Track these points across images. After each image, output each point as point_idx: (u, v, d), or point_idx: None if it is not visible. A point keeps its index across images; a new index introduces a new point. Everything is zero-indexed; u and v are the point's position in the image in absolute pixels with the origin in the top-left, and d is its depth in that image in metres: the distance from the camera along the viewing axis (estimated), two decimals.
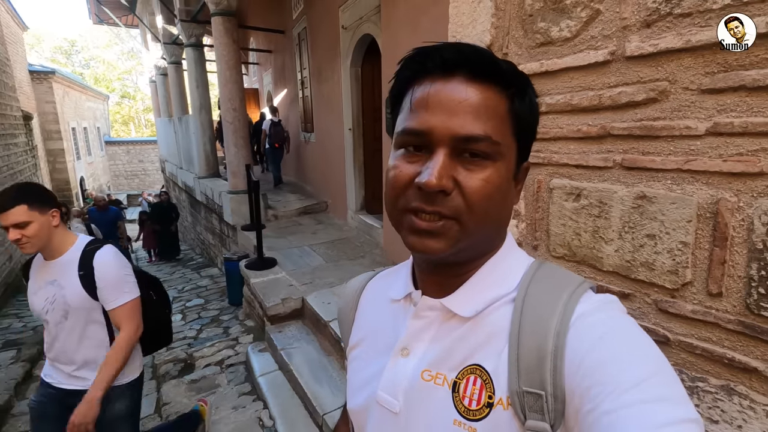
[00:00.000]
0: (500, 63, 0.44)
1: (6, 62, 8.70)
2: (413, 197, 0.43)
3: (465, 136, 0.42)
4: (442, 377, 0.47)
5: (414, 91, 0.45)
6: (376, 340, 0.57)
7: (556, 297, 0.44)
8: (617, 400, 0.35)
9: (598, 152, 1.00)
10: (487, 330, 0.46)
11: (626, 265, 0.98)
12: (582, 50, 1.00)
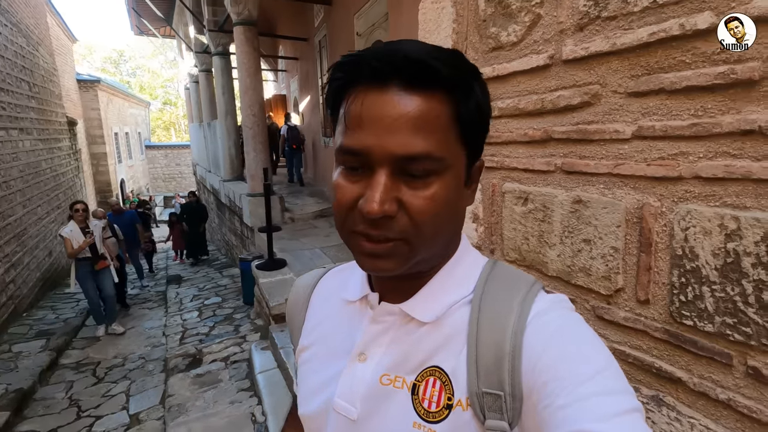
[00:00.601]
0: (437, 67, 0.39)
1: (53, 72, 9.35)
2: (358, 220, 0.41)
3: (404, 155, 0.39)
4: (401, 380, 0.46)
5: (348, 103, 0.40)
6: (330, 342, 0.54)
7: (511, 297, 0.44)
8: (572, 394, 0.36)
9: (542, 156, 1.00)
10: (446, 332, 0.46)
11: (567, 270, 0.97)
12: (526, 54, 1.01)
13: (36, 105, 7.64)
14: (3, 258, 5.37)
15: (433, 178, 0.40)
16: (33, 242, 6.51)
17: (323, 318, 0.57)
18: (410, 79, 0.39)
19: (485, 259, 0.51)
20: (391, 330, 0.49)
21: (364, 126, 0.39)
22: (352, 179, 0.41)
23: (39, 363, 3.92)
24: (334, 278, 0.61)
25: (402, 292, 0.48)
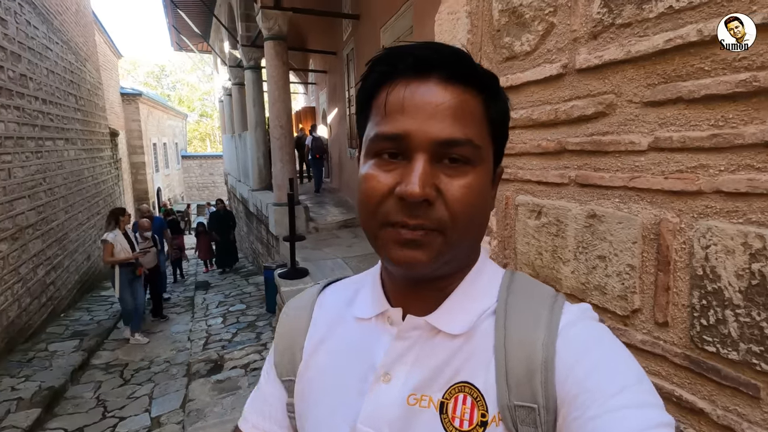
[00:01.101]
0: (477, 65, 0.42)
1: (98, 86, 9.92)
2: (394, 210, 0.40)
3: (446, 140, 0.39)
4: (427, 399, 0.44)
5: (386, 93, 0.41)
6: (342, 364, 0.50)
7: (537, 308, 0.44)
8: (603, 406, 0.36)
9: (556, 168, 0.96)
10: (471, 345, 0.45)
11: (582, 288, 0.92)
12: (540, 64, 0.98)
13: (81, 117, 8.11)
14: (45, 261, 5.67)
15: (469, 168, 0.41)
16: (73, 246, 6.85)
17: (329, 338, 0.53)
18: (451, 73, 0.40)
19: (503, 270, 0.50)
20: (417, 345, 0.46)
21: (405, 112, 0.40)
22: (387, 168, 0.41)
23: (71, 362, 4.09)
24: (337, 295, 0.57)
25: (425, 304, 0.47)
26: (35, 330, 5.12)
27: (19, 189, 5.06)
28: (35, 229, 5.44)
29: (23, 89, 5.48)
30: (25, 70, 5.59)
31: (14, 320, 4.65)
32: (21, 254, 4.96)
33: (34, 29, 6.06)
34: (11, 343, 4.54)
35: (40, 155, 5.87)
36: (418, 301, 0.47)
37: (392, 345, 0.47)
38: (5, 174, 4.75)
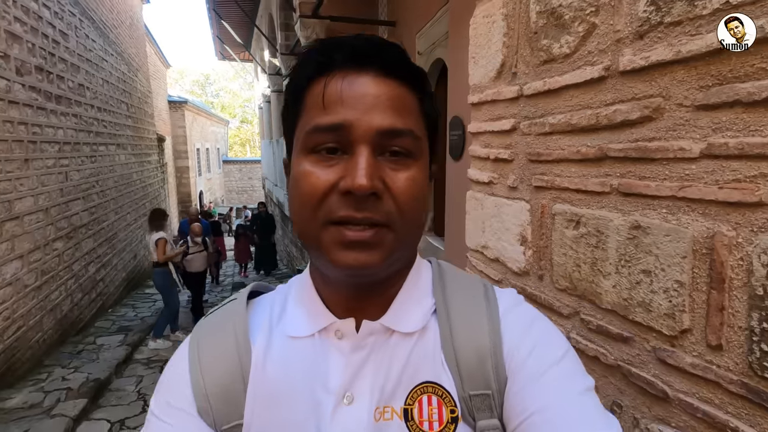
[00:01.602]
0: (408, 59, 0.42)
1: (148, 94, 10.49)
2: (338, 206, 0.38)
3: (388, 129, 0.38)
4: (389, 410, 0.42)
5: (323, 84, 0.39)
6: (286, 394, 0.43)
7: (475, 300, 0.46)
8: (543, 377, 0.40)
9: (596, 176, 0.91)
10: (424, 342, 0.44)
11: (624, 304, 0.86)
12: (580, 66, 0.93)
13: (132, 123, 8.60)
14: (96, 259, 6.02)
15: (411, 161, 0.40)
16: (121, 245, 7.24)
17: (267, 364, 0.45)
18: (388, 66, 0.40)
19: (424, 260, 0.51)
20: (373, 353, 0.44)
21: (345, 103, 0.38)
22: (327, 164, 0.39)
23: (116, 356, 4.31)
24: (261, 313, 0.49)
25: (374, 309, 0.45)
26: (85, 324, 5.44)
27: (74, 191, 5.41)
28: (87, 229, 5.80)
29: (81, 98, 5.87)
30: (83, 80, 5.99)
31: (67, 314, 4.96)
32: (74, 252, 5.30)
33: (91, 42, 6.50)
34: (64, 335, 4.84)
35: (94, 159, 6.26)
36: (367, 307, 0.44)
37: (348, 360, 0.43)
38: (63, 177, 5.09)
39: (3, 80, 3.90)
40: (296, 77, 0.42)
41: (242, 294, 0.50)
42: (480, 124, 1.37)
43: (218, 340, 0.46)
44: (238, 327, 0.46)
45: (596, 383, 0.94)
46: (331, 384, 0.43)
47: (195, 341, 0.46)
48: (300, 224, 0.41)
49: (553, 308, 1.06)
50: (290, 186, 0.43)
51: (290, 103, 0.43)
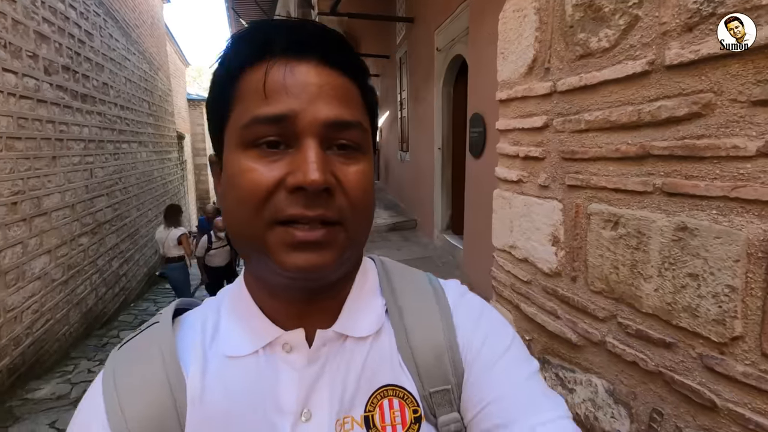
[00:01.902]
0: (350, 49, 0.40)
1: (168, 93, 10.67)
2: (286, 204, 0.34)
3: (336, 120, 0.36)
4: (349, 420, 0.40)
5: (264, 72, 0.36)
6: (232, 424, 0.38)
7: (424, 294, 0.46)
8: (495, 367, 0.42)
9: (638, 175, 0.88)
10: (379, 345, 0.43)
11: (667, 309, 0.83)
12: (621, 61, 0.90)
13: (153, 121, 8.75)
14: (119, 254, 6.16)
15: (359, 154, 0.38)
16: (143, 241, 7.38)
17: (204, 391, 0.39)
18: (331, 55, 0.37)
19: (369, 260, 0.49)
20: (328, 363, 0.41)
21: (288, 92, 0.35)
22: (270, 159, 0.35)
23: None
24: (191, 333, 0.43)
25: (324, 315, 0.42)
26: (109, 318, 5.58)
27: (98, 188, 5.54)
28: (111, 225, 5.93)
29: (105, 96, 6.00)
30: (106, 78, 6.12)
31: (92, 307, 5.09)
32: (99, 247, 5.42)
33: (115, 41, 6.63)
34: (89, 328, 4.96)
35: (117, 157, 6.39)
36: (315, 314, 0.41)
37: (302, 375, 0.40)
38: (88, 174, 5.22)
39: (32, 80, 4.01)
40: (227, 64, 0.38)
41: (165, 314, 0.43)
42: (509, 121, 1.34)
43: (141, 370, 0.39)
44: (165, 352, 0.39)
45: (634, 389, 0.92)
46: (284, 403, 0.39)
47: (110, 374, 0.39)
48: (238, 226, 0.37)
49: (588, 311, 1.03)
50: (224, 185, 0.38)
51: (219, 92, 0.38)
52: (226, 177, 0.38)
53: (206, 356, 0.40)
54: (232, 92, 0.37)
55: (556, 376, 1.18)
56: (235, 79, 0.37)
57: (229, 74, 0.37)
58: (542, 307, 1.21)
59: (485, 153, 3.37)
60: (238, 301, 0.43)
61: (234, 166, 0.36)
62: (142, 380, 0.38)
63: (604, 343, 0.99)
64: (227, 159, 0.38)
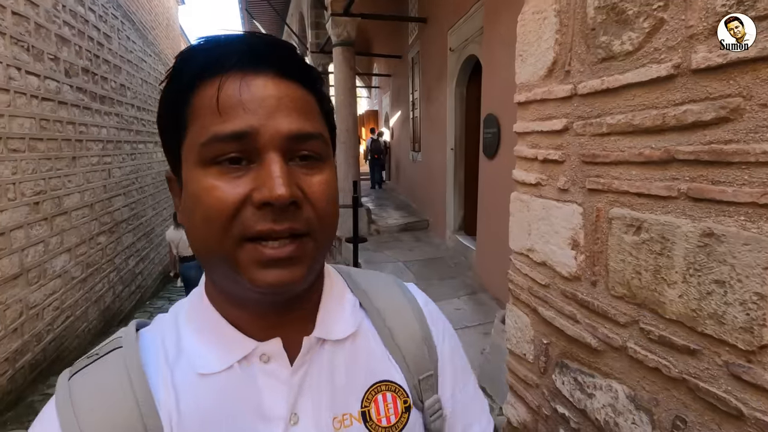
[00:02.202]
0: (302, 59, 0.40)
1: None
2: (254, 220, 0.34)
3: (297, 133, 0.36)
4: (348, 417, 0.42)
5: (217, 88, 0.35)
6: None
7: (392, 294, 0.52)
8: (452, 360, 0.52)
9: (662, 179, 0.87)
10: (360, 344, 0.46)
11: (692, 315, 0.82)
12: (644, 64, 0.89)
13: None
14: (135, 252, 6.27)
15: (321, 164, 0.39)
16: (158, 240, 7.51)
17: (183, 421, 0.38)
18: (286, 67, 0.37)
19: (328, 265, 0.51)
20: (311, 368, 0.42)
21: (245, 107, 0.35)
22: (233, 175, 0.35)
23: None
24: (147, 357, 0.40)
25: (300, 323, 0.43)
26: (126, 315, 5.69)
27: (116, 187, 5.65)
28: (128, 224, 6.05)
29: (122, 98, 6.12)
30: (124, 80, 6.24)
31: (109, 305, 5.20)
32: (116, 246, 5.54)
33: (132, 43, 6.75)
34: (107, 325, 5.07)
35: (134, 157, 6.51)
36: (288, 323, 0.42)
37: (288, 382, 0.40)
38: (106, 174, 5.33)
39: (53, 82, 4.10)
40: (179, 79, 0.37)
41: (127, 337, 0.41)
42: (527, 124, 1.34)
43: (106, 401, 0.36)
44: (134, 380, 0.37)
45: (657, 396, 0.91)
46: (269, 412, 0.39)
47: (66, 404, 0.36)
48: (205, 243, 0.36)
49: (608, 316, 1.03)
50: (186, 203, 0.37)
51: (172, 108, 0.38)
52: (189, 195, 0.37)
53: (174, 378, 0.39)
54: (186, 108, 0.37)
55: (574, 380, 1.17)
56: (189, 94, 0.36)
57: (183, 90, 0.37)
58: (561, 311, 1.21)
59: (499, 154, 3.35)
60: (201, 316, 0.42)
61: (196, 184, 0.36)
62: (107, 413, 0.35)
63: (625, 348, 0.98)
64: (188, 176, 0.37)
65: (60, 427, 0.35)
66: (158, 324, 0.43)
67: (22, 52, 3.60)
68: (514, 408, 1.50)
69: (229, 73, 0.35)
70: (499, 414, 2.26)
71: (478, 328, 3.06)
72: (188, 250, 5.03)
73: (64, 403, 0.36)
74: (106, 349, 0.40)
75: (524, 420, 1.44)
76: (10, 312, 3.27)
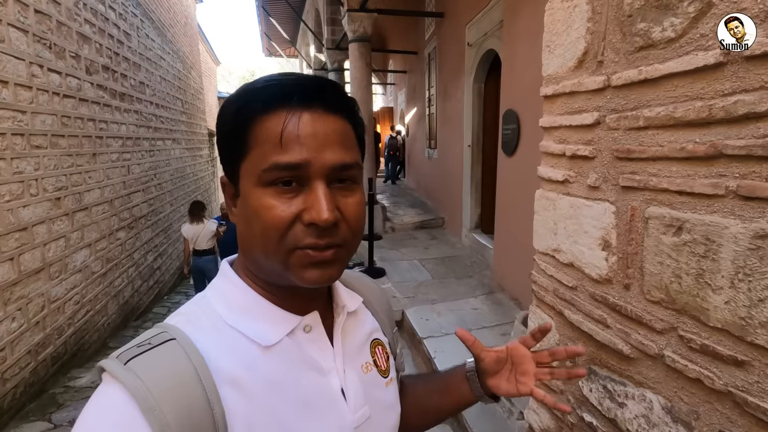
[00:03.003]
0: (346, 94, 0.48)
1: (200, 91, 10.94)
2: (303, 235, 0.43)
3: (340, 164, 0.45)
4: (368, 364, 0.58)
5: (282, 124, 0.43)
6: (278, 402, 0.45)
7: (364, 280, 0.70)
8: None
9: (707, 176, 0.80)
10: (361, 315, 0.62)
11: (740, 323, 0.75)
12: (689, 52, 0.82)
13: (186, 119, 9.00)
14: (153, 248, 6.37)
15: (355, 186, 0.47)
16: (175, 236, 7.62)
17: (251, 389, 0.44)
18: (331, 103, 0.45)
19: None
20: (340, 333, 0.55)
21: (301, 142, 0.43)
22: (287, 197, 0.43)
23: None
24: (208, 344, 0.44)
25: (320, 301, 0.55)
26: (144, 309, 5.78)
27: (135, 184, 5.73)
28: (146, 220, 6.14)
29: (141, 95, 6.20)
30: (143, 78, 6.32)
31: (128, 300, 5.28)
32: (135, 242, 5.62)
33: (151, 41, 6.83)
34: (126, 319, 5.16)
35: (152, 154, 6.60)
36: (316, 300, 0.54)
37: (329, 343, 0.53)
38: (125, 170, 5.40)
39: (75, 79, 4.17)
40: (241, 112, 0.45)
41: (167, 327, 0.46)
42: (554, 118, 1.27)
43: (178, 379, 0.40)
44: (195, 362, 0.42)
45: (697, 409, 0.85)
46: (326, 367, 0.51)
47: (135, 383, 0.38)
48: (266, 248, 0.45)
49: (643, 321, 0.97)
50: (246, 214, 0.46)
51: (233, 134, 0.46)
52: (248, 207, 0.45)
53: (235, 356, 0.45)
54: (248, 136, 0.44)
55: (603, 388, 1.11)
56: (251, 124, 0.44)
57: (243, 120, 0.45)
58: (589, 315, 1.15)
59: (519, 151, 3.27)
60: (246, 301, 0.50)
61: (257, 201, 0.44)
62: (183, 398, 0.39)
63: (662, 356, 0.92)
64: (248, 192, 0.45)
65: (137, 408, 0.37)
66: (186, 316, 0.49)
67: (45, 49, 3.66)
68: (537, 414, 1.45)
69: (290, 111, 0.43)
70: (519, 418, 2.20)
71: (495, 329, 2.99)
72: (206, 244, 5.08)
73: (136, 385, 0.38)
74: (156, 340, 0.43)
75: (547, 427, 1.38)
76: (33, 306, 3.34)
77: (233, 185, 0.48)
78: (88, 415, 0.38)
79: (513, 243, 3.41)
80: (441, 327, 3.03)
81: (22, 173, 3.25)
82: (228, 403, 0.42)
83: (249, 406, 0.43)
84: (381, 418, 0.56)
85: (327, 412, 0.49)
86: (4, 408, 2.95)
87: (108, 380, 0.40)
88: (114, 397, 0.38)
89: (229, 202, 0.50)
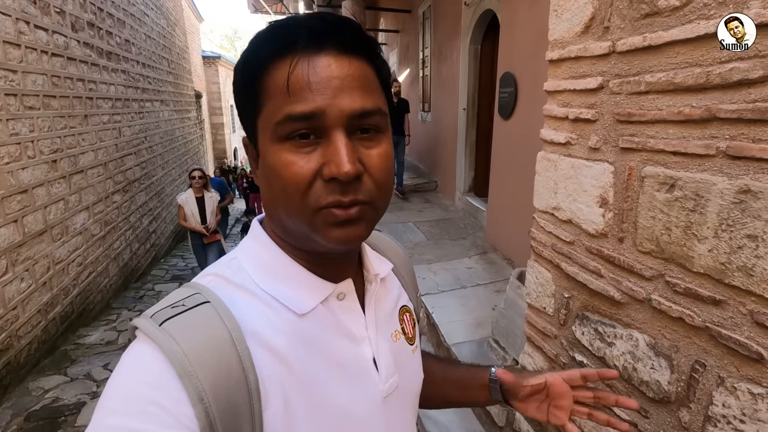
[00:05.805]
0: (363, 33, 0.42)
1: (185, 50, 10.54)
2: (325, 193, 0.39)
3: (360, 111, 0.40)
4: (396, 332, 0.57)
5: (287, 71, 0.39)
6: (311, 369, 0.44)
7: (389, 242, 0.68)
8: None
9: (700, 138, 0.89)
10: (390, 281, 0.60)
11: (720, 268, 0.86)
12: (692, 20, 0.88)
13: (172, 80, 8.73)
14: (148, 212, 6.37)
15: (380, 135, 0.43)
16: (168, 200, 7.59)
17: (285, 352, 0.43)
18: (345, 43, 0.40)
19: None
20: (372, 300, 0.53)
21: (313, 89, 0.38)
22: (305, 151, 0.40)
23: None
24: (242, 308, 0.43)
25: (351, 268, 0.52)
26: (143, 272, 5.86)
27: (127, 146, 5.65)
28: (140, 183, 6.11)
29: (127, 54, 5.99)
30: (128, 35, 6.08)
31: (127, 262, 5.35)
32: (130, 205, 5.62)
33: None
34: (126, 281, 5.25)
35: (142, 116, 6.46)
36: (348, 267, 0.51)
37: (366, 310, 0.52)
38: (117, 132, 5.32)
39: (61, 36, 4.02)
40: (251, 62, 0.41)
41: (199, 288, 0.43)
42: (559, 82, 1.33)
43: (215, 343, 0.38)
44: (230, 326, 0.40)
45: (677, 343, 0.97)
46: (358, 335, 0.50)
47: (171, 345, 0.37)
48: (288, 209, 0.41)
49: (633, 270, 1.08)
50: (266, 173, 0.42)
51: (246, 89, 0.43)
52: (267, 166, 0.42)
53: (269, 321, 0.43)
54: (260, 88, 0.41)
55: (594, 330, 1.24)
56: (260, 75, 0.41)
57: (254, 71, 0.41)
58: (585, 267, 1.26)
59: (515, 114, 3.31)
60: (280, 268, 0.46)
61: (273, 158, 0.41)
62: (221, 362, 0.38)
63: (649, 300, 1.04)
64: (265, 149, 0.42)
65: (174, 372, 0.36)
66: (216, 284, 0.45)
67: (29, 4, 3.51)
68: (531, 357, 1.60)
69: (296, 57, 0.39)
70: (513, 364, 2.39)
71: (489, 286, 3.15)
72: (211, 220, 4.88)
73: (172, 349, 0.36)
74: (190, 302, 0.41)
75: (541, 367, 1.53)
76: (39, 267, 3.40)
77: (253, 146, 0.45)
78: (124, 372, 0.37)
79: (507, 205, 3.52)
80: (437, 285, 3.18)
81: (18, 134, 3.22)
82: (262, 368, 0.40)
83: (283, 372, 0.42)
84: (408, 385, 0.56)
85: (360, 380, 0.48)
86: (21, 363, 3.08)
87: (144, 339, 0.38)
88: (150, 357, 0.37)
89: (253, 164, 0.47)
